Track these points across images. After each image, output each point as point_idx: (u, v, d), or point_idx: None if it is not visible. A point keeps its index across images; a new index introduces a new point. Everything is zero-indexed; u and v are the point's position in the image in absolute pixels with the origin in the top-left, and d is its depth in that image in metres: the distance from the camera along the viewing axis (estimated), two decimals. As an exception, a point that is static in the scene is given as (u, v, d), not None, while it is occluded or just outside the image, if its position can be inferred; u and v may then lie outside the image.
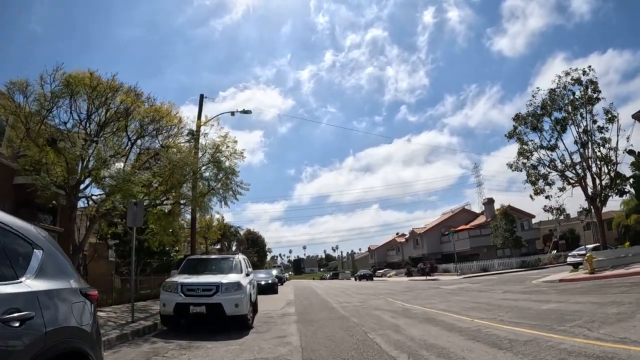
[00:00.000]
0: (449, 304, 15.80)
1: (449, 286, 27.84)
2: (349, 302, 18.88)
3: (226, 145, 18.93)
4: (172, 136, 17.41)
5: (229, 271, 12.08)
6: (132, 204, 12.97)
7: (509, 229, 51.15)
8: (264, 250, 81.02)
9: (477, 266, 47.19)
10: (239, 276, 11.57)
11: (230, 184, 19.54)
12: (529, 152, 32.65)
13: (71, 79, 14.81)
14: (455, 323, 10.29)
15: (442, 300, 17.74)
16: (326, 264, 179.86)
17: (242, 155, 19.44)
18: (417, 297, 20.57)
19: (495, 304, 13.99)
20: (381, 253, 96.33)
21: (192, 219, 21.44)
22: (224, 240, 54.80)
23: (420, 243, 70.17)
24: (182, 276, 11.63)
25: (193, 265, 12.85)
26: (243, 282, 11.13)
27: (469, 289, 23.59)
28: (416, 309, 14.87)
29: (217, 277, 11.17)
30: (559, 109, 32.34)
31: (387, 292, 26.05)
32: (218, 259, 13.52)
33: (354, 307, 16.67)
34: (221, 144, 18.95)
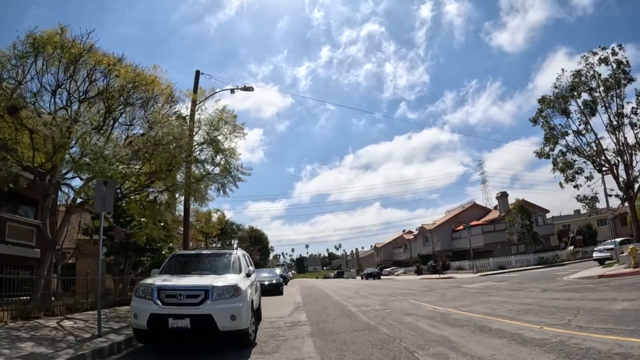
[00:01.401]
0: (488, 306, 13.45)
1: (471, 285, 25.32)
2: (367, 306, 16.11)
3: (224, 122, 16.15)
4: (159, 109, 14.66)
5: (224, 270, 9.32)
6: (101, 183, 10.27)
7: (526, 224, 48.39)
8: (267, 248, 78.32)
9: (494, 263, 44.57)
10: (237, 277, 8.76)
11: (229, 167, 16.79)
12: (557, 137, 30.02)
13: (38, 38, 12.33)
14: (521, 332, 8.05)
15: (476, 301, 15.36)
16: (329, 263, 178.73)
17: (242, 132, 16.68)
18: (444, 298, 18.01)
19: (547, 305, 12.09)
20: (387, 251, 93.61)
21: (185, 210, 18.65)
22: (224, 238, 52.26)
23: (430, 240, 67.40)
24: (162, 277, 8.87)
25: (179, 263, 10.11)
26: (242, 286, 8.29)
27: (497, 288, 21.24)
28: (453, 313, 12.31)
29: (208, 278, 8.35)
30: (588, 89, 29.74)
31: (406, 292, 23.31)
32: (211, 255, 10.63)
33: (376, 311, 13.94)
34: (219, 119, 16.18)
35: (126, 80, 13.41)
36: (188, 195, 17.06)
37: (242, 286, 8.25)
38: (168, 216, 18.33)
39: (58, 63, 12.83)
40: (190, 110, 16.87)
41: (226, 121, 16.37)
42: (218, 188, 17.19)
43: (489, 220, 59.04)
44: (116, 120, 14.31)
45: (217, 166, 17.06)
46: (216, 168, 16.91)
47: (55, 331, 9.89)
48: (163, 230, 19.30)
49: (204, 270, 9.42)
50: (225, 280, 8.21)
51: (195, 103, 17.24)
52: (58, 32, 12.67)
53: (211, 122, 16.10)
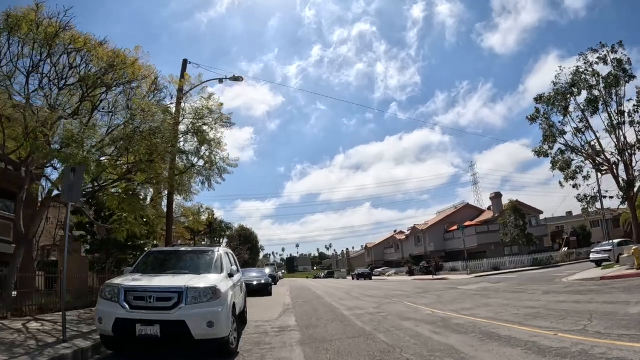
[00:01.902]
0: (491, 309, 12.65)
1: (467, 287, 24.51)
2: (361, 309, 15.13)
3: (210, 110, 15.10)
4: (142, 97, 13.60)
5: (204, 270, 8.33)
6: (69, 170, 9.20)
7: (520, 225, 47.66)
8: (257, 247, 77.11)
9: (488, 264, 43.88)
10: (217, 278, 7.74)
11: (214, 159, 15.74)
12: (555, 135, 29.18)
13: (12, 15, 11.40)
14: (536, 340, 7.24)
15: (477, 304, 14.58)
16: (320, 263, 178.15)
17: (229, 121, 15.64)
18: (441, 300, 17.12)
19: (555, 309, 11.38)
20: (378, 251, 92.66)
21: (168, 203, 17.56)
22: (213, 236, 51.17)
23: (423, 240, 66.48)
24: (133, 276, 7.85)
25: (155, 261, 9.10)
26: (222, 287, 7.27)
27: (496, 290, 20.53)
28: (455, 317, 11.42)
29: (183, 279, 7.33)
30: (588, 87, 28.93)
31: (400, 294, 22.35)
32: (190, 253, 9.60)
33: (371, 315, 12.96)
34: (204, 107, 15.12)
35: (104, 61, 12.35)
36: (172, 189, 15.97)
37: (223, 288, 7.24)
38: (150, 211, 17.24)
39: (33, 43, 11.80)
40: (177, 98, 15.81)
41: (212, 110, 15.31)
42: (203, 181, 16.12)
43: (483, 221, 58.30)
44: (96, 106, 13.28)
45: (202, 158, 16.01)
46: (201, 160, 15.84)
47: (17, 334, 8.86)
48: (145, 226, 18.24)
49: (181, 270, 8.39)
50: (202, 281, 7.19)
51: (182, 91, 16.20)
52: (34, 8, 11.66)
53: (196, 111, 15.03)
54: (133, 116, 12.87)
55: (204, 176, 16.07)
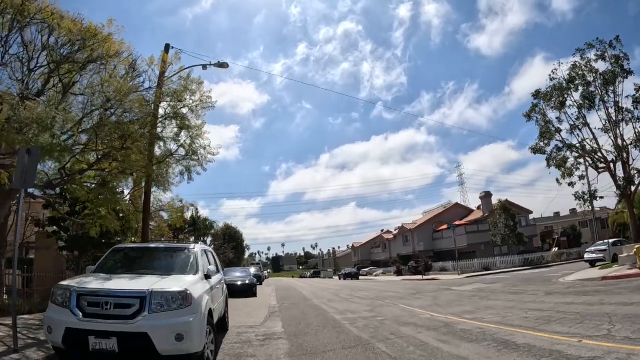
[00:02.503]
0: (495, 312, 11.81)
1: (461, 287, 23.57)
2: (353, 312, 13.97)
3: (190, 91, 13.86)
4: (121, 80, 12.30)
5: (178, 270, 7.16)
6: (23, 152, 7.91)
7: (510, 225, 46.91)
8: (242, 246, 75.68)
9: (478, 264, 43.05)
10: (190, 280, 6.51)
11: (195, 146, 14.51)
12: (552, 132, 28.31)
13: None
14: (560, 349, 6.38)
15: (478, 307, 13.65)
16: (306, 262, 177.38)
17: (210, 102, 14.42)
18: (438, 302, 16.16)
19: (567, 311, 10.59)
20: (365, 251, 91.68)
21: (145, 196, 16.17)
22: (197, 234, 49.76)
23: (411, 240, 65.57)
24: (90, 277, 6.62)
25: (121, 259, 7.89)
26: (195, 291, 6.04)
27: (493, 291, 19.68)
28: (459, 322, 10.43)
29: (148, 280, 6.13)
30: (586, 83, 28.11)
31: (392, 295, 21.25)
32: (162, 250, 8.33)
33: (366, 320, 11.82)
34: (184, 89, 13.87)
35: (72, 34, 11.07)
36: (149, 179, 14.63)
37: (196, 292, 6.02)
38: (126, 205, 15.94)
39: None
40: (158, 82, 14.50)
41: (192, 91, 14.07)
42: (182, 172, 14.87)
43: (472, 221, 57.54)
44: (67, 87, 11.98)
45: (182, 146, 14.76)
46: (181, 148, 14.57)
47: (-38, 342, 7.67)
48: (121, 222, 16.93)
49: (150, 270, 7.14)
50: (171, 284, 5.99)
51: (163, 74, 14.88)
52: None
53: (175, 93, 13.76)
54: (107, 98, 11.58)
55: (183, 166, 14.83)
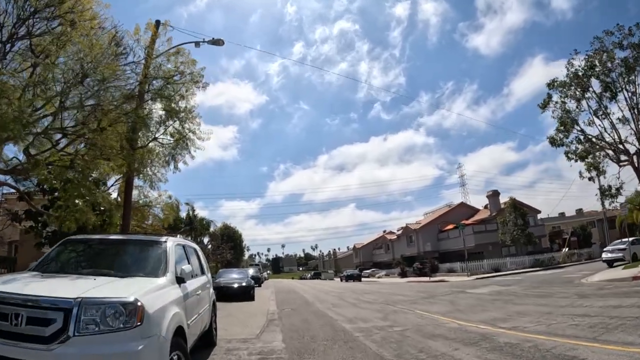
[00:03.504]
0: (533, 319, 10.12)
1: (476, 290, 21.64)
2: (365, 320, 11.97)
3: (179, 71, 11.92)
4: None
5: (140, 270, 5.24)
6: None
7: (520, 224, 44.99)
8: (241, 247, 73.60)
9: (488, 265, 41.11)
10: (148, 286, 4.50)
11: (185, 132, 12.57)
12: (572, 122, 26.34)
13: None
14: None
15: (507, 313, 11.84)
16: (305, 263, 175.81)
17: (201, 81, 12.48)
18: (458, 307, 14.29)
19: (621, 316, 9.17)
20: (367, 252, 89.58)
21: (125, 185, 14.18)
22: (194, 234, 47.88)
23: (415, 240, 63.50)
24: (21, 276, 4.75)
25: (70, 254, 5.98)
26: (151, 303, 4.03)
27: (514, 294, 17.92)
28: (497, 333, 8.62)
29: (83, 284, 4.17)
30: (607, 71, 26.16)
31: (402, 299, 19.29)
32: (124, 244, 6.29)
33: (382, 330, 9.88)
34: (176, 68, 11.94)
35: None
36: (130, 168, 12.66)
37: (153, 303, 4.04)
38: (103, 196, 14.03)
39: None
40: (146, 51, 12.52)
41: (181, 71, 12.14)
42: (168, 160, 12.92)
43: (480, 220, 55.49)
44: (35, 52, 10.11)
45: (171, 135, 12.87)
46: (166, 134, 12.65)
47: None
48: (102, 216, 15.04)
49: (103, 269, 5.23)
50: (115, 290, 4.01)
51: (154, 43, 12.91)
52: None
53: (159, 67, 11.82)
54: (80, 65, 9.64)
55: (169, 154, 12.88)
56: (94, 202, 13.68)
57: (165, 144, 12.88)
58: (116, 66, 10.72)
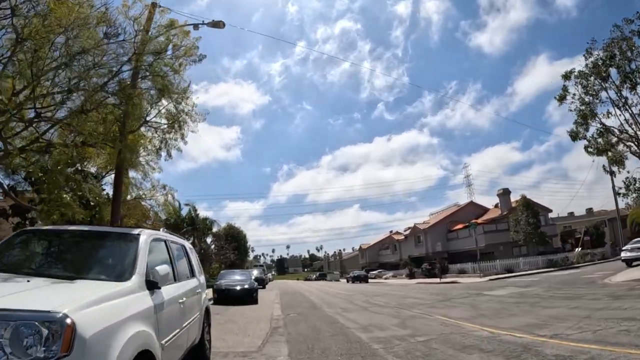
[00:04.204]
0: (572, 325, 8.92)
1: (494, 292, 20.27)
2: (381, 328, 10.60)
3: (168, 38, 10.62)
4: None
5: (100, 271, 4.00)
6: None
7: (532, 223, 43.54)
8: (245, 247, 72.19)
9: (500, 266, 39.64)
10: (99, 292, 3.16)
11: (179, 115, 11.28)
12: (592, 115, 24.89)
13: None
14: None
15: (537, 317, 10.70)
16: (310, 264, 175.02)
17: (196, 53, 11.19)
18: (482, 312, 12.87)
19: None
20: (373, 252, 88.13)
21: (115, 176, 12.83)
22: (196, 234, 46.63)
23: (423, 240, 62.01)
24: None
25: (22, 249, 4.68)
26: (91, 320, 2.66)
27: (538, 296, 16.62)
28: (538, 342, 7.43)
29: (3, 288, 2.84)
30: (627, 60, 24.74)
31: (417, 302, 17.94)
32: (84, 237, 4.87)
33: (404, 341, 8.52)
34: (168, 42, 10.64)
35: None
36: (124, 156, 11.29)
37: (96, 321, 2.69)
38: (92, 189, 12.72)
39: None
40: (145, 24, 11.22)
41: (175, 43, 10.84)
42: (159, 147, 11.60)
43: (490, 220, 53.96)
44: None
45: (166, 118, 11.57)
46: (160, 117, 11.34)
47: None
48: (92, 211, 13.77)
49: (57, 268, 4.13)
50: (41, 299, 2.71)
51: (150, 25, 11.60)
52: None
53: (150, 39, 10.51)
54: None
55: (161, 140, 11.57)
56: (83, 196, 12.47)
57: (158, 128, 11.59)
58: (101, 40, 9.43)
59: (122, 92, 10.19)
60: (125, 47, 10.38)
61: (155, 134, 11.72)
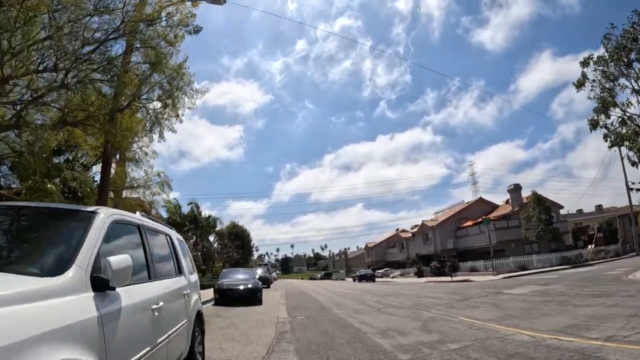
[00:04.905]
0: (622, 326, 7.87)
1: (514, 290, 18.90)
2: (402, 333, 9.26)
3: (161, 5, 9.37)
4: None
5: (31, 260, 2.73)
6: None
7: (545, 220, 42.14)
8: (249, 246, 70.81)
9: (513, 263, 38.46)
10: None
11: (172, 91, 10.01)
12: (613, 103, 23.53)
13: None
14: None
15: (575, 317, 9.62)
16: (315, 263, 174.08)
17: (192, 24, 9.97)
18: (509, 312, 11.52)
19: None
20: (380, 251, 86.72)
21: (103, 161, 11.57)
22: (198, 232, 45.49)
23: (432, 238, 60.60)
24: None
25: None
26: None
27: (563, 294, 15.40)
28: (594, 348, 6.35)
29: None
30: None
31: (434, 302, 16.60)
32: (27, 215, 3.51)
33: (434, 349, 7.22)
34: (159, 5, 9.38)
35: None
36: (113, 139, 10.00)
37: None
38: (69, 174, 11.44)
39: None
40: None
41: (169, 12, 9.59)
42: (150, 127, 10.34)
43: (501, 216, 52.45)
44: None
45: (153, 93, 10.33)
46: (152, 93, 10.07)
47: None
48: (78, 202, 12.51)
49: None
50: None
51: None
52: None
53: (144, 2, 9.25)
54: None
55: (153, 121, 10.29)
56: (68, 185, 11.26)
57: (150, 108, 10.32)
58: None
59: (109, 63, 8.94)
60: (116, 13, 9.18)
61: (147, 114, 10.44)
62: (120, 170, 15.14)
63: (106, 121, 9.45)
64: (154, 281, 3.89)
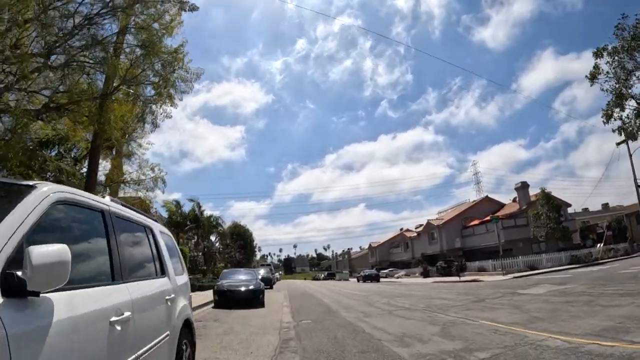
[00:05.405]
0: None
1: (530, 291, 18.01)
2: (421, 340, 8.28)
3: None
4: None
5: None
6: None
7: (554, 218, 41.17)
8: (252, 246, 69.98)
9: (523, 263, 37.46)
10: None
11: (167, 76, 9.12)
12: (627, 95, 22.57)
13: None
14: None
15: (608, 318, 8.90)
16: (318, 264, 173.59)
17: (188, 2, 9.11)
18: (533, 315, 10.60)
19: None
20: (384, 251, 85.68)
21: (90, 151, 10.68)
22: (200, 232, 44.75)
23: (438, 237, 59.57)
24: None
25: None
26: None
27: (587, 294, 14.55)
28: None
29: None
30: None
31: (447, 303, 15.66)
32: None
33: (459, 358, 6.36)
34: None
35: None
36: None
37: None
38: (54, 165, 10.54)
39: None
40: None
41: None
42: (143, 116, 9.43)
43: (508, 215, 51.39)
44: None
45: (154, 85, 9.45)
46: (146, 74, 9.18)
47: None
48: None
49: None
50: None
51: None
52: None
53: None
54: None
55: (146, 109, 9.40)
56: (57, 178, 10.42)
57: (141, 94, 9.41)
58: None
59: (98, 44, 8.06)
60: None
61: (137, 100, 9.54)
62: (116, 163, 14.23)
63: (94, 107, 8.57)
64: (120, 284, 2.96)
